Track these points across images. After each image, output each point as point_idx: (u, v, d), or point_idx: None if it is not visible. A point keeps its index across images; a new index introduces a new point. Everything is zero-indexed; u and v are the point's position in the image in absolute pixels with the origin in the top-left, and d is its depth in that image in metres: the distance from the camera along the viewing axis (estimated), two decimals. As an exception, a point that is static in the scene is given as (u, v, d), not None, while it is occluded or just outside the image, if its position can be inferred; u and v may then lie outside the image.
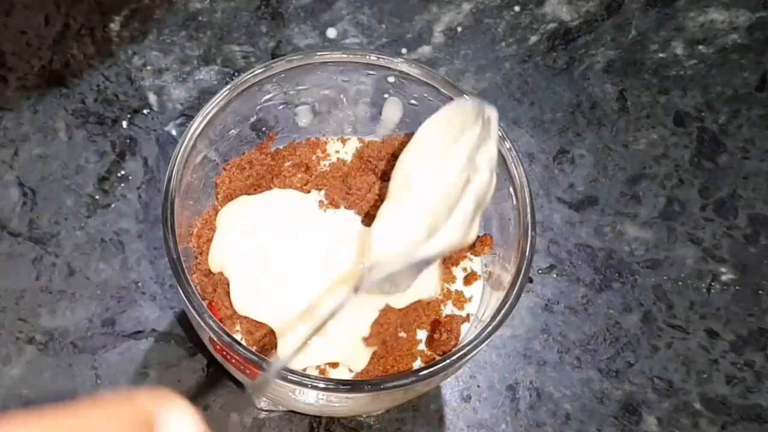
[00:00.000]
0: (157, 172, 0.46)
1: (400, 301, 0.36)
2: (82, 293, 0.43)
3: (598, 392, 0.43)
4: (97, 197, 0.46)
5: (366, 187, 0.39)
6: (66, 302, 0.43)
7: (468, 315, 0.38)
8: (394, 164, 0.35)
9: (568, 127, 0.49)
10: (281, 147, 0.41)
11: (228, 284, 0.37)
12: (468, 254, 0.39)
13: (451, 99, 0.37)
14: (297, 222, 0.38)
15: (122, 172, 0.46)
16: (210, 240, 0.38)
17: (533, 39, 0.51)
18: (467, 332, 0.37)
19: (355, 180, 0.39)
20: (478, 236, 0.39)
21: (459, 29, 0.51)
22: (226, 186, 0.39)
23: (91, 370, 0.42)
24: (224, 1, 0.51)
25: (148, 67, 0.49)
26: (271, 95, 0.39)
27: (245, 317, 0.36)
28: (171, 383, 0.42)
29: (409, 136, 0.39)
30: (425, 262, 0.31)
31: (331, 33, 0.51)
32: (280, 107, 0.40)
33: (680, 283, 0.45)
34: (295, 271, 0.36)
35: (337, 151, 0.42)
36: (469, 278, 0.39)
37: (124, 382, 0.42)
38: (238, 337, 0.36)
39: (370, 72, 0.39)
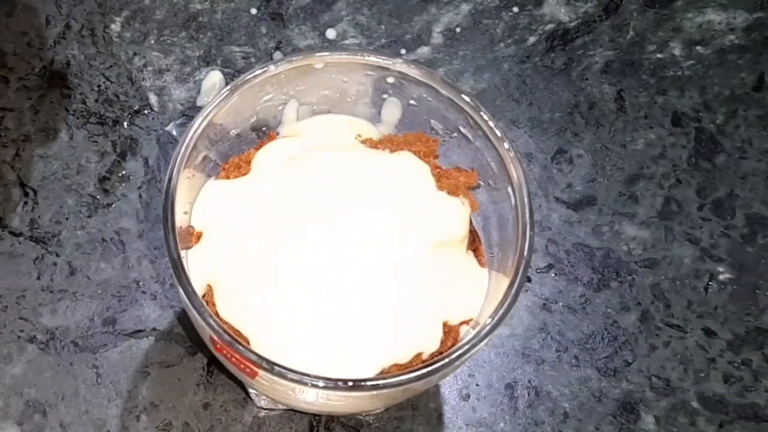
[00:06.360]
0: (157, 172, 0.47)
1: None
2: (83, 292, 0.44)
3: (596, 391, 0.43)
4: (98, 197, 0.46)
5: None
6: (67, 301, 0.43)
7: (467, 314, 0.38)
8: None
9: (567, 128, 0.49)
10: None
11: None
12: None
13: (451, 99, 0.38)
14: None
15: (123, 172, 0.47)
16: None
17: (531, 40, 0.52)
18: (466, 332, 0.38)
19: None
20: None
21: (458, 30, 0.52)
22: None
23: (92, 369, 0.42)
24: (224, 2, 0.52)
25: (149, 68, 0.50)
26: (271, 95, 0.39)
27: None
28: (171, 382, 0.42)
29: (409, 136, 0.40)
30: None
31: (331, 34, 0.51)
32: (280, 107, 0.40)
33: (678, 282, 0.45)
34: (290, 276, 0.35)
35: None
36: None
37: (125, 380, 0.42)
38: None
39: (370, 72, 0.39)
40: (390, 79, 0.39)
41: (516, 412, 0.42)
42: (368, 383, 0.31)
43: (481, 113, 0.37)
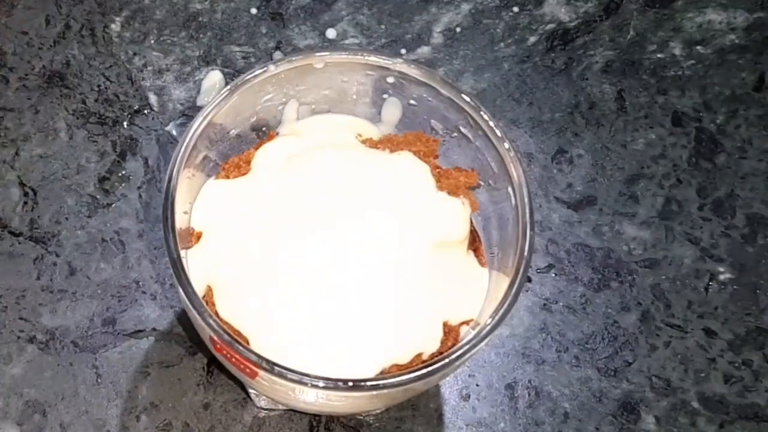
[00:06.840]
0: (157, 172, 0.47)
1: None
2: (83, 292, 0.44)
3: (596, 391, 0.43)
4: (97, 197, 0.46)
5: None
6: (67, 301, 0.43)
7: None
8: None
9: (567, 127, 0.49)
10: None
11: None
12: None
13: (451, 99, 0.37)
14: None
15: (123, 172, 0.47)
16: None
17: (532, 39, 0.52)
18: (466, 332, 0.38)
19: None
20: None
21: (458, 30, 0.52)
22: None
23: (92, 369, 0.42)
24: (224, 1, 0.52)
25: (149, 68, 0.50)
26: (271, 95, 0.39)
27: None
28: (171, 382, 0.42)
29: (409, 135, 0.40)
30: None
31: (331, 33, 0.51)
32: (280, 107, 0.40)
33: (678, 282, 0.45)
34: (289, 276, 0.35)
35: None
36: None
37: (125, 381, 0.42)
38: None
39: (370, 72, 0.39)
40: (390, 79, 0.39)
41: (516, 413, 0.42)
42: (368, 383, 0.31)
43: (482, 113, 0.37)
